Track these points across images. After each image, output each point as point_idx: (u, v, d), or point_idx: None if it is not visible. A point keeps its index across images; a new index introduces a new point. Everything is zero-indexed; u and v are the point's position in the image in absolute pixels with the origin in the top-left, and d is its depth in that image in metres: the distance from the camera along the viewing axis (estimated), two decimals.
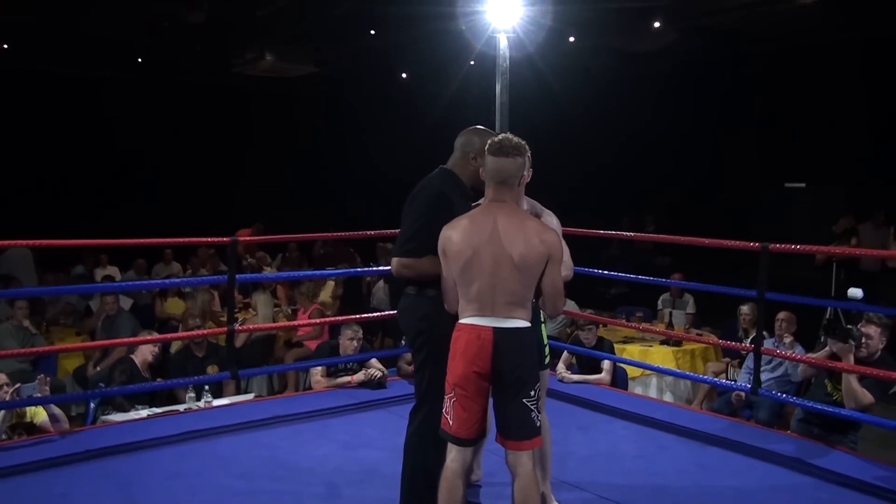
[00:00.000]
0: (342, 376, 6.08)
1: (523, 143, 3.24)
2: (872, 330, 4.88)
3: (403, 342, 6.13)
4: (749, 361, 6.21)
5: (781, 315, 6.57)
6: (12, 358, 6.78)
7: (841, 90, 10.94)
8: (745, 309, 7.13)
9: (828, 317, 5.10)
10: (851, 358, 4.71)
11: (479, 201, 3.40)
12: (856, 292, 5.07)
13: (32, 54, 13.12)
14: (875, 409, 4.79)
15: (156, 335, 7.29)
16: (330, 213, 14.59)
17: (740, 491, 4.14)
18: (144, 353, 6.38)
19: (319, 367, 6.13)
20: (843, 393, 4.81)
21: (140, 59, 14.17)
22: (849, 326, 4.80)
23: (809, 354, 5.16)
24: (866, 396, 4.72)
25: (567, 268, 3.55)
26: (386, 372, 6.14)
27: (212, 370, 6.80)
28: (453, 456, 3.19)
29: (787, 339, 6.26)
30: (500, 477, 3.78)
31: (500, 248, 3.09)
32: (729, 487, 4.19)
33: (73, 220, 10.87)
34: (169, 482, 4.17)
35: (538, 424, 3.16)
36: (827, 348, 4.92)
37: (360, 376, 5.96)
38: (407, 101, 15.29)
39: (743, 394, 6.17)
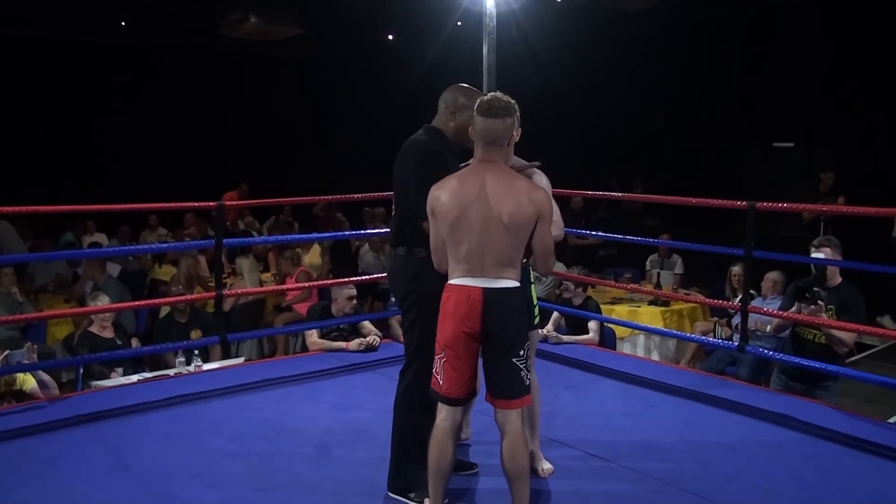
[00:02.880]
0: (335, 338, 6.08)
1: (513, 102, 3.21)
2: (826, 251, 5.00)
3: (392, 300, 6.15)
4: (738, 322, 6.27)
5: (770, 275, 6.62)
6: (1, 326, 6.77)
7: (829, 49, 10.90)
8: (735, 269, 7.13)
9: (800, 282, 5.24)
10: (824, 316, 4.81)
11: (468, 162, 3.39)
12: (818, 255, 5.19)
13: (13, 17, 12.90)
14: (862, 365, 4.86)
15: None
16: (318, 177, 14.51)
17: (727, 446, 4.18)
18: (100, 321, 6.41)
19: (314, 328, 6.13)
20: (829, 341, 4.93)
21: (123, 23, 13.98)
22: (816, 289, 4.89)
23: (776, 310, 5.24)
24: (850, 337, 4.87)
25: (557, 227, 3.54)
26: (381, 336, 6.15)
27: (195, 335, 6.81)
28: (443, 415, 3.21)
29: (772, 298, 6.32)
30: (489, 436, 3.82)
31: (488, 208, 3.08)
32: (716, 443, 4.23)
33: (59, 188, 10.79)
34: (160, 445, 4.18)
35: (527, 383, 3.18)
36: (795, 307, 5.00)
37: (355, 344, 5.95)
38: (393, 62, 15.17)
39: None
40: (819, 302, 4.80)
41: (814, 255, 5.06)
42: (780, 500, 3.56)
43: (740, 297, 5.30)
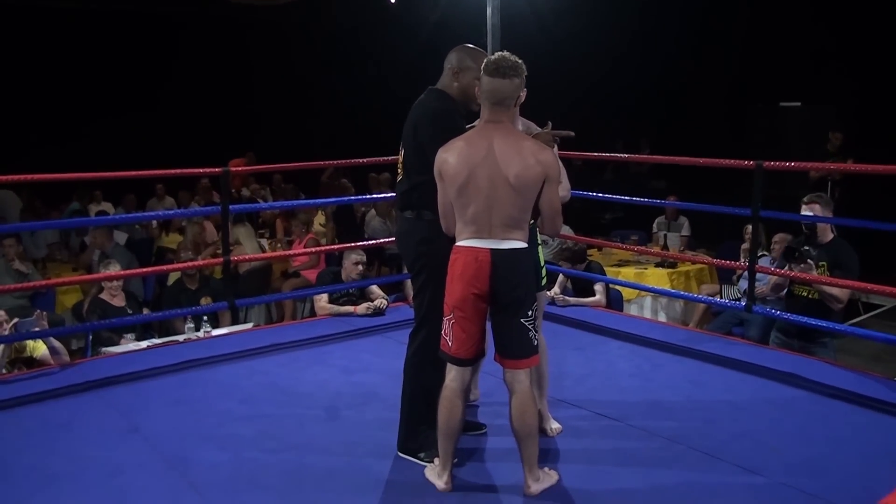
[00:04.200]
0: (344, 303, 6.10)
1: (520, 62, 3.17)
2: (815, 208, 5.03)
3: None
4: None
5: (777, 237, 6.60)
6: (9, 294, 6.80)
7: (832, 7, 10.77)
8: (749, 228, 7.09)
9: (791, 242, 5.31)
10: (815, 274, 4.87)
11: (474, 123, 3.37)
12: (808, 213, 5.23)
13: None
14: (867, 323, 4.87)
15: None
16: (323, 142, 14.47)
17: (734, 405, 4.20)
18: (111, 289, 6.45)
19: (324, 293, 6.15)
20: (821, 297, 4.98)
21: None
22: (805, 248, 4.95)
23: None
24: (843, 292, 4.92)
25: (564, 189, 3.54)
26: (388, 300, 6.17)
27: (205, 301, 6.84)
28: (452, 376, 3.23)
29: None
30: (497, 397, 3.85)
31: (496, 169, 3.07)
32: (723, 402, 4.25)
33: (64, 155, 10.78)
34: (170, 409, 4.22)
35: (535, 343, 3.19)
36: (786, 268, 5.07)
37: (362, 308, 5.97)
38: (396, 25, 15.05)
39: None
40: (808, 261, 4.86)
41: (804, 211, 5.09)
42: (787, 457, 3.58)
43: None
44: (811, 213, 5.05)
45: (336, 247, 7.24)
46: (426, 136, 3.37)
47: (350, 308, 6.01)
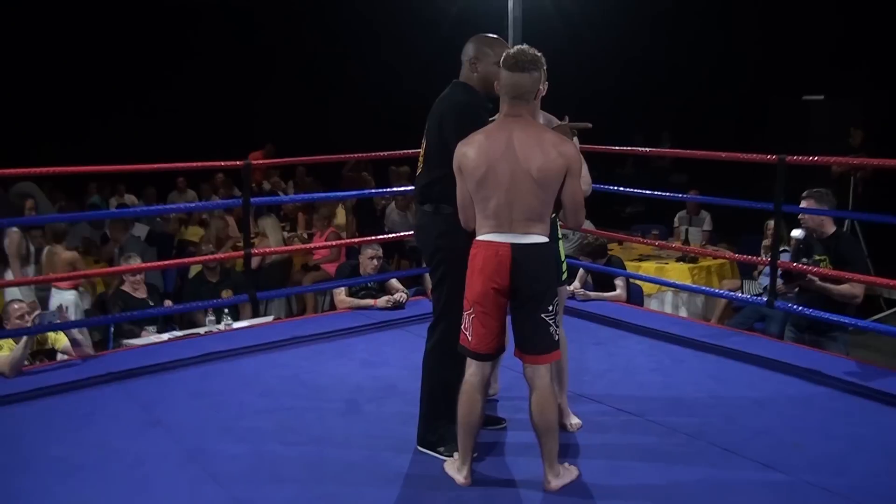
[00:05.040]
0: (363, 296, 6.11)
1: (539, 55, 3.15)
2: (810, 203, 5.04)
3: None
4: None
5: (794, 233, 6.54)
6: (32, 286, 6.87)
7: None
8: (771, 223, 7.02)
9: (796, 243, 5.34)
10: (818, 283, 4.94)
11: (495, 117, 3.36)
12: (798, 233, 5.35)
13: None
14: (889, 320, 4.83)
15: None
16: (344, 135, 14.49)
17: (756, 401, 4.18)
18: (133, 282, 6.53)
19: (343, 287, 6.16)
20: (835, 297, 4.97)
21: None
22: (804, 259, 5.02)
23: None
24: (856, 288, 4.93)
25: (585, 183, 3.52)
26: (408, 293, 6.17)
27: (226, 294, 6.88)
28: (472, 370, 3.23)
29: None
30: (517, 391, 3.84)
31: (516, 162, 3.06)
32: (744, 398, 4.23)
33: (84, 148, 10.87)
34: (192, 401, 4.24)
35: (556, 339, 3.18)
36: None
37: (382, 301, 5.97)
38: (417, 18, 15.03)
39: None
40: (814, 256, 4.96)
41: (802, 206, 5.11)
42: (809, 454, 3.55)
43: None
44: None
45: (355, 240, 7.25)
46: (450, 129, 3.36)
47: (370, 301, 6.02)
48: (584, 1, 11.87)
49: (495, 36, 3.54)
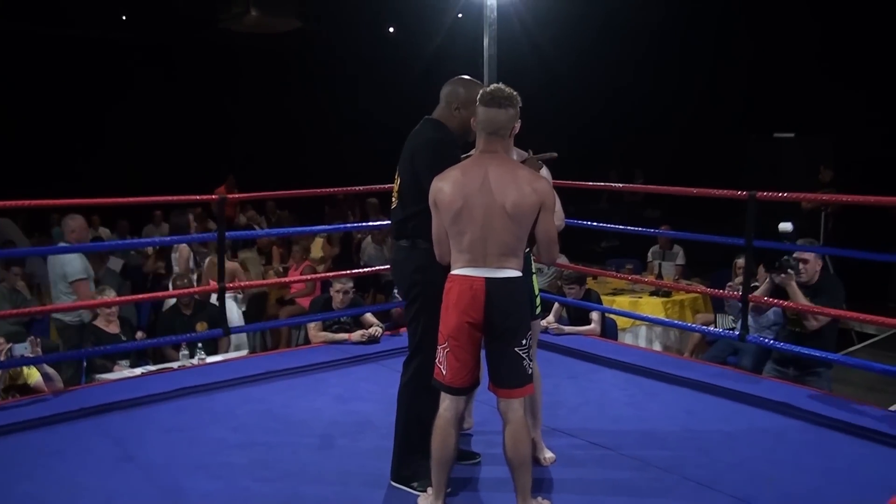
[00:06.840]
0: (336, 330, 6.10)
1: (515, 93, 3.22)
2: (806, 254, 5.11)
3: (396, 293, 6.17)
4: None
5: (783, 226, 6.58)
6: (5, 320, 6.79)
7: (831, 38, 10.89)
8: (739, 261, 7.10)
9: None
10: (794, 284, 4.97)
11: (470, 153, 3.40)
12: (786, 226, 5.35)
13: (10, 11, 12.91)
14: (861, 353, 4.88)
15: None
16: (320, 169, 14.53)
17: (728, 435, 4.20)
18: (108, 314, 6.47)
19: (317, 321, 6.15)
20: (800, 316, 5.04)
21: (124, 17, 13.99)
22: (785, 258, 5.02)
23: (755, 294, 5.27)
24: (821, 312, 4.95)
25: (559, 218, 3.56)
26: (383, 328, 6.16)
27: (200, 327, 6.82)
28: (446, 405, 3.23)
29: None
30: (491, 426, 3.84)
31: (491, 198, 3.10)
32: (717, 432, 4.25)
33: (59, 182, 10.81)
34: (165, 436, 4.20)
35: (530, 372, 3.20)
36: (767, 283, 5.18)
37: (357, 336, 5.96)
38: (393, 55, 15.17)
39: None
40: (789, 270, 4.95)
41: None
42: (782, 487, 3.58)
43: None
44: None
45: (328, 275, 7.24)
46: (423, 165, 3.39)
47: (344, 335, 6.01)
48: (560, 41, 12.08)
49: (477, 81, 3.59)
